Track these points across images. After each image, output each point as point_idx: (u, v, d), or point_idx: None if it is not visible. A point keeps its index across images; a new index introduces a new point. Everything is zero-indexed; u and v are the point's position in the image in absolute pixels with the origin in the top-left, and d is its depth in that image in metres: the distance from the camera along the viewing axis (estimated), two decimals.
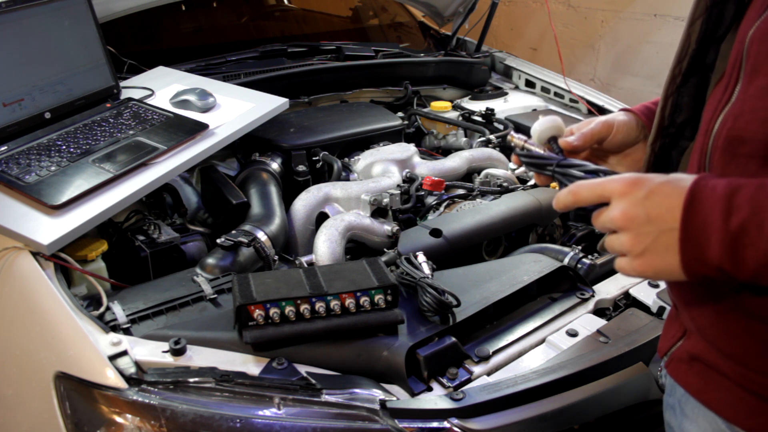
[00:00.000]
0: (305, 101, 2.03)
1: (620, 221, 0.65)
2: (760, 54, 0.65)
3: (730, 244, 0.59)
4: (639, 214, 0.64)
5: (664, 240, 0.63)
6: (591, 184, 0.69)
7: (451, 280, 1.20)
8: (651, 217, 0.63)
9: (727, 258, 0.59)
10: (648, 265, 0.65)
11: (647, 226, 0.64)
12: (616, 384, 1.07)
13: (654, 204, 0.63)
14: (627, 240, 0.65)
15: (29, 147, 1.35)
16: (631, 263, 0.66)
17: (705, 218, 0.60)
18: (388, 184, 1.61)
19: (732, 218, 0.59)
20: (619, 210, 0.65)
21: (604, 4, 3.61)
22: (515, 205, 1.57)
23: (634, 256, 0.66)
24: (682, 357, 0.78)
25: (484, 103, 2.26)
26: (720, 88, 0.72)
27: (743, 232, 0.58)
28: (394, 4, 2.72)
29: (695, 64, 0.78)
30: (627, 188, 0.65)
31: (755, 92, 0.65)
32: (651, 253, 0.64)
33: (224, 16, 2.45)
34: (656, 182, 0.64)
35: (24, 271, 1.10)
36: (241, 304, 0.99)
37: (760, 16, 0.66)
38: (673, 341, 0.81)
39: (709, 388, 0.74)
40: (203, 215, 1.56)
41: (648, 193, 0.64)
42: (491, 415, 0.96)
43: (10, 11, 1.36)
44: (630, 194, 0.65)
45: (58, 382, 0.96)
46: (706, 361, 0.74)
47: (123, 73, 1.81)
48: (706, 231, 0.60)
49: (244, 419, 0.90)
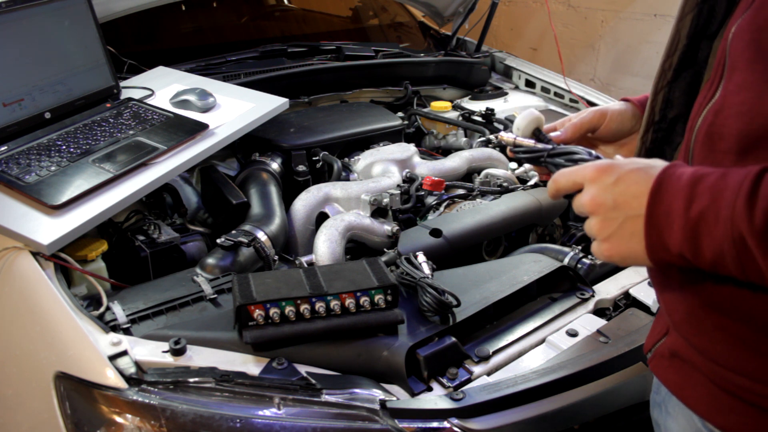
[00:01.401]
0: (305, 101, 2.03)
1: (589, 206, 0.68)
2: (737, 50, 0.66)
3: (690, 231, 0.60)
4: (606, 199, 0.66)
5: (630, 226, 0.65)
6: (567, 171, 0.72)
7: (451, 280, 1.20)
8: (617, 203, 0.65)
9: (687, 245, 0.61)
10: (614, 249, 0.67)
11: (614, 211, 0.66)
12: (616, 384, 1.07)
13: (621, 190, 0.65)
14: (595, 224, 0.68)
15: (29, 147, 1.35)
16: (599, 247, 0.69)
17: (669, 206, 0.61)
18: (388, 184, 1.61)
19: (693, 206, 0.60)
20: (589, 195, 0.68)
21: (604, 4, 3.61)
22: (515, 205, 1.57)
23: (601, 240, 0.68)
24: (664, 353, 0.79)
25: (484, 103, 2.26)
26: (707, 85, 0.73)
27: (702, 220, 0.59)
28: (394, 4, 2.72)
29: (687, 59, 0.78)
30: (597, 174, 0.68)
31: (733, 88, 0.66)
32: (617, 237, 0.66)
33: (224, 16, 2.45)
34: (626, 169, 0.66)
35: (24, 271, 1.09)
36: (241, 304, 0.99)
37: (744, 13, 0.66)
38: (657, 338, 0.82)
39: (686, 384, 0.75)
40: (203, 215, 1.56)
41: (616, 179, 0.66)
42: (491, 415, 0.96)
43: (10, 11, 1.36)
44: (599, 180, 0.67)
45: (58, 382, 0.96)
46: (684, 357, 0.75)
47: (123, 73, 1.81)
48: (669, 218, 0.61)
49: (244, 419, 0.90)
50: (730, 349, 0.69)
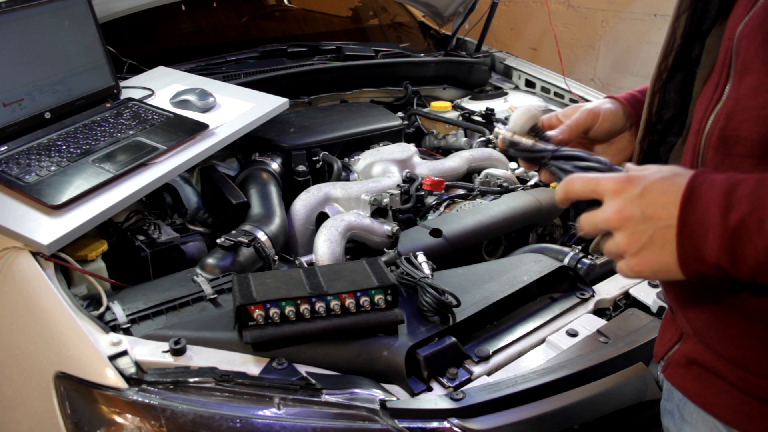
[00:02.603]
0: (305, 101, 2.03)
1: (615, 221, 0.63)
2: (749, 52, 0.63)
3: (729, 240, 0.57)
4: (634, 212, 0.62)
5: (661, 237, 0.61)
6: (585, 178, 0.67)
7: (451, 280, 1.20)
8: (646, 216, 0.62)
9: (725, 255, 0.58)
10: (645, 264, 0.63)
11: (643, 224, 0.62)
12: (616, 384, 1.07)
13: (649, 202, 0.62)
14: (622, 240, 0.63)
15: (29, 147, 1.35)
16: (628, 263, 0.64)
17: (703, 214, 0.58)
18: (388, 184, 1.61)
19: (731, 214, 0.57)
20: (613, 209, 0.63)
21: (604, 4, 3.61)
22: (515, 205, 1.57)
23: (630, 255, 0.64)
24: (680, 361, 0.77)
25: (484, 103, 2.25)
26: (710, 86, 0.71)
27: (742, 229, 0.56)
28: (394, 4, 2.72)
29: (681, 59, 0.77)
30: (621, 186, 0.63)
31: (747, 91, 0.64)
32: (647, 251, 0.62)
33: (224, 16, 2.45)
34: (651, 179, 0.63)
35: (24, 271, 1.09)
36: (241, 304, 0.99)
37: (748, 12, 0.64)
38: (670, 345, 0.80)
39: (709, 392, 0.73)
40: (203, 215, 1.56)
41: (643, 190, 0.62)
42: (491, 415, 0.96)
43: (10, 11, 1.36)
44: (624, 192, 0.63)
45: (58, 382, 0.96)
46: (705, 365, 0.73)
47: (123, 73, 1.81)
48: (704, 227, 0.58)
49: (244, 419, 0.90)
50: (759, 355, 0.67)
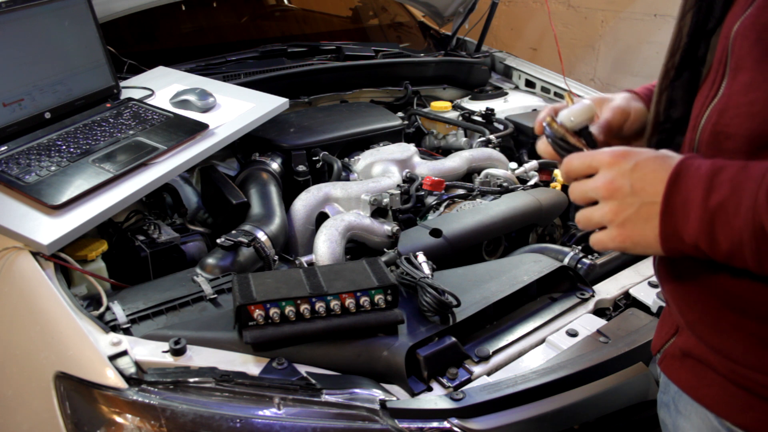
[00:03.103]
0: (305, 101, 2.03)
1: (604, 190, 0.67)
2: (743, 50, 0.65)
3: (708, 221, 0.60)
4: (624, 184, 0.65)
5: (645, 212, 0.64)
6: (582, 155, 0.71)
7: (451, 280, 1.20)
8: (635, 189, 0.65)
9: (703, 235, 0.61)
10: (627, 235, 0.66)
11: (631, 197, 0.65)
12: (616, 384, 1.07)
13: (639, 176, 0.65)
14: (609, 210, 0.67)
15: (29, 147, 1.34)
16: (611, 233, 0.68)
17: (687, 195, 0.61)
18: (388, 184, 1.61)
19: (712, 196, 0.60)
20: (605, 179, 0.67)
21: (604, 4, 3.61)
22: (515, 205, 1.57)
23: (615, 226, 0.67)
24: (675, 353, 0.79)
25: (484, 103, 2.26)
26: (707, 84, 0.73)
27: (721, 211, 0.59)
28: (394, 4, 2.72)
29: (687, 58, 0.78)
30: (615, 159, 0.67)
31: (739, 88, 0.66)
32: (631, 223, 0.66)
33: (224, 16, 2.45)
34: (644, 156, 0.66)
35: (24, 271, 1.10)
36: (241, 304, 0.99)
37: (745, 11, 0.66)
38: (666, 338, 0.81)
39: (701, 384, 0.75)
40: (203, 215, 1.56)
41: (635, 165, 0.65)
42: (491, 415, 0.96)
43: (10, 11, 1.36)
44: (617, 165, 0.66)
45: (58, 382, 0.96)
46: (698, 357, 0.75)
47: (123, 73, 1.81)
48: (686, 207, 0.61)
49: (244, 419, 0.90)
50: (749, 348, 0.68)
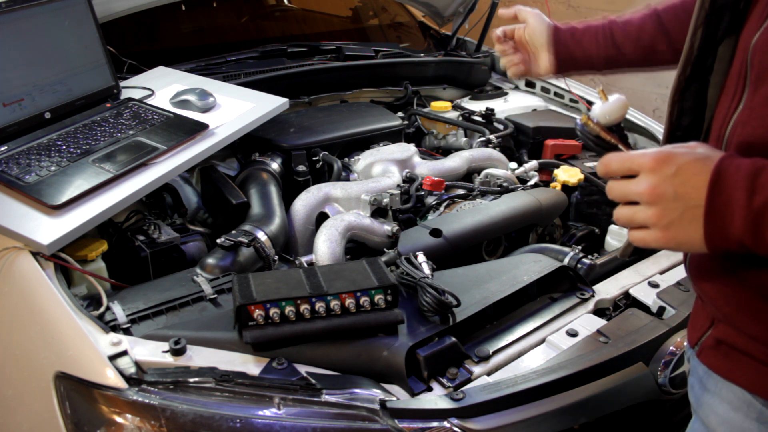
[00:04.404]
0: (305, 101, 2.03)
1: (648, 196, 0.69)
2: (763, 63, 0.69)
3: (753, 221, 0.63)
4: (667, 190, 0.68)
5: (690, 215, 0.67)
6: (621, 156, 0.73)
7: (451, 280, 1.20)
8: (678, 194, 0.67)
9: (748, 234, 0.64)
10: (672, 237, 0.69)
11: (675, 202, 0.68)
12: (616, 384, 1.07)
13: (682, 182, 0.67)
14: (654, 213, 0.69)
15: (29, 147, 1.34)
16: (655, 235, 0.70)
17: (729, 196, 0.64)
18: (388, 184, 1.61)
19: (756, 197, 0.63)
20: (648, 185, 0.69)
21: (604, 4, 3.61)
22: (515, 205, 1.57)
23: (659, 228, 0.70)
24: (711, 344, 0.83)
25: (484, 103, 2.26)
26: (728, 96, 0.76)
27: (766, 211, 0.62)
28: (394, 4, 2.71)
29: (698, 70, 0.82)
30: (656, 164, 0.69)
31: (761, 100, 0.69)
32: (676, 227, 0.68)
33: (224, 16, 2.45)
34: (685, 160, 0.68)
35: (24, 271, 1.10)
36: (241, 304, 0.99)
37: (761, 25, 0.70)
38: (702, 331, 0.85)
39: (736, 367, 0.79)
40: (203, 215, 1.56)
41: (677, 170, 0.68)
42: (491, 415, 0.96)
43: (10, 11, 1.36)
44: (659, 170, 0.68)
45: (58, 382, 0.96)
46: (733, 345, 0.79)
47: (123, 73, 1.81)
48: (730, 208, 0.64)
49: (244, 419, 0.90)
50: None
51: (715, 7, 0.78)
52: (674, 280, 1.31)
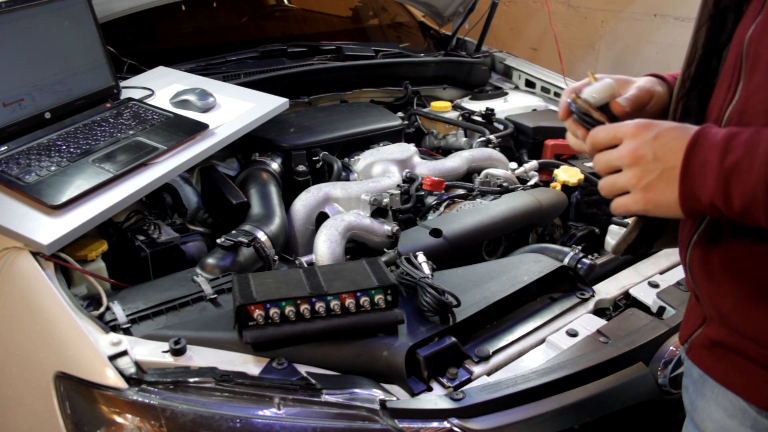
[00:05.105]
0: (305, 101, 2.03)
1: (629, 158, 0.72)
2: (758, 54, 0.71)
3: (723, 180, 0.65)
4: (647, 152, 0.71)
5: (667, 176, 0.70)
6: (607, 127, 0.76)
7: (451, 280, 1.20)
8: (657, 156, 0.70)
9: (719, 193, 0.66)
10: (649, 198, 0.72)
11: (653, 163, 0.71)
12: (616, 384, 1.07)
13: (661, 145, 0.70)
14: (633, 175, 0.72)
15: (29, 147, 1.34)
16: (634, 197, 0.73)
17: (704, 158, 0.67)
18: (388, 184, 1.61)
19: (728, 157, 0.65)
20: (629, 148, 0.72)
21: (604, 4, 3.60)
22: (515, 205, 1.57)
23: (638, 189, 0.72)
24: (703, 343, 0.83)
25: (484, 103, 2.25)
26: (722, 88, 0.77)
27: (736, 169, 0.64)
28: (394, 4, 2.72)
29: (702, 69, 0.83)
30: (638, 130, 0.72)
31: (755, 88, 0.71)
32: (653, 187, 0.71)
33: (224, 16, 2.45)
34: (665, 126, 0.72)
35: (24, 271, 1.09)
36: (241, 304, 0.99)
37: (755, 19, 0.73)
38: (693, 329, 0.85)
39: (731, 371, 0.79)
40: (203, 215, 1.56)
41: (656, 134, 0.71)
42: (491, 415, 0.96)
43: (10, 11, 1.36)
44: (640, 134, 0.72)
45: (58, 382, 0.96)
46: (728, 346, 0.79)
47: (123, 73, 1.81)
48: (704, 169, 0.67)
49: (244, 419, 0.90)
50: None
51: (719, 7, 0.79)
52: (674, 280, 1.31)
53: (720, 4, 0.79)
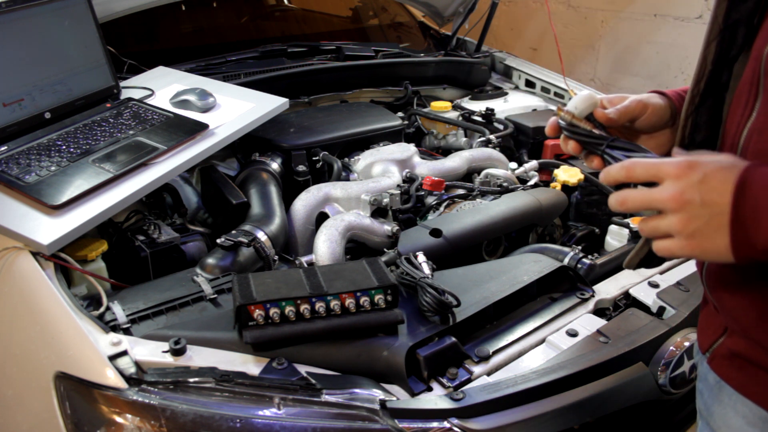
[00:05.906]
0: (305, 101, 2.03)
1: (674, 203, 0.68)
2: None
3: None
4: (694, 198, 0.66)
5: (715, 223, 0.66)
6: (646, 163, 0.71)
7: (451, 280, 1.20)
8: (705, 202, 0.66)
9: None
10: (697, 245, 0.68)
11: (701, 209, 0.66)
12: (616, 384, 1.07)
13: (708, 189, 0.66)
14: (678, 221, 0.68)
15: (29, 147, 1.34)
16: (680, 243, 0.69)
17: (755, 204, 0.63)
18: (388, 184, 1.61)
19: None
20: (674, 191, 0.68)
21: (604, 4, 3.61)
22: (515, 205, 1.57)
23: (684, 236, 0.68)
24: (724, 353, 0.82)
25: (484, 103, 2.26)
26: (740, 105, 0.75)
27: None
28: (394, 4, 2.72)
29: (712, 84, 0.81)
30: (682, 171, 0.68)
31: None
32: (701, 235, 0.67)
33: (224, 16, 2.45)
34: (711, 167, 0.67)
35: (24, 271, 1.09)
36: (241, 304, 0.99)
37: None
38: (714, 338, 0.84)
39: (751, 382, 0.78)
40: (203, 215, 1.56)
41: (703, 177, 0.66)
42: (491, 415, 0.96)
43: (10, 11, 1.36)
44: (685, 177, 0.67)
45: (58, 382, 0.96)
46: (749, 358, 0.78)
47: (123, 73, 1.81)
48: (756, 216, 0.63)
49: (244, 419, 0.90)
50: None
51: (728, 22, 0.77)
52: (674, 280, 1.32)
53: (730, 18, 0.77)
